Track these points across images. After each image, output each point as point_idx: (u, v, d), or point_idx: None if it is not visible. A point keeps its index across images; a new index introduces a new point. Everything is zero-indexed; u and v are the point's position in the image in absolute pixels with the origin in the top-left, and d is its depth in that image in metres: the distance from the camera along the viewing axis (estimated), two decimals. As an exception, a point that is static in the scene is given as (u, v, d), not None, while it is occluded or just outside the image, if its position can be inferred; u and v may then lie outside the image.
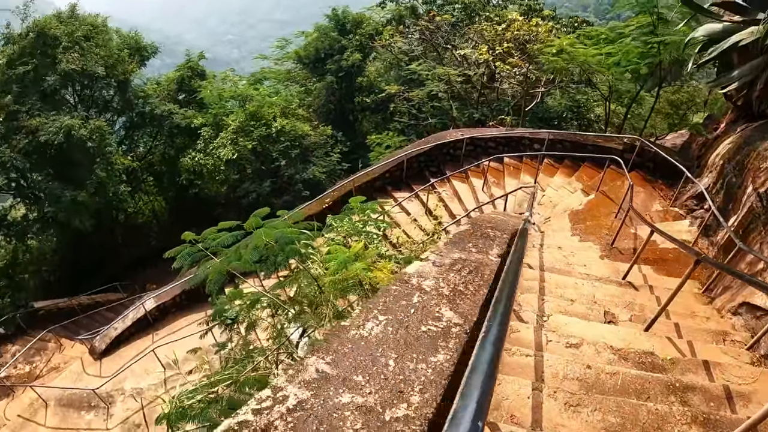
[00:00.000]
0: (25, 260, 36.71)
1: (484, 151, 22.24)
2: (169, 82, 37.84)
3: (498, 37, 28.05)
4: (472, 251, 6.44)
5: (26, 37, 31.02)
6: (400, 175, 22.27)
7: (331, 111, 37.26)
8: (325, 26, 38.22)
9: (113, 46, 34.12)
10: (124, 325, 22.58)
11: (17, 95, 30.38)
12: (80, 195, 29.24)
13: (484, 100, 31.09)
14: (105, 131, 30.82)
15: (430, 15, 32.12)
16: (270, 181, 31.19)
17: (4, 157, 28.75)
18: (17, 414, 20.75)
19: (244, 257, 8.46)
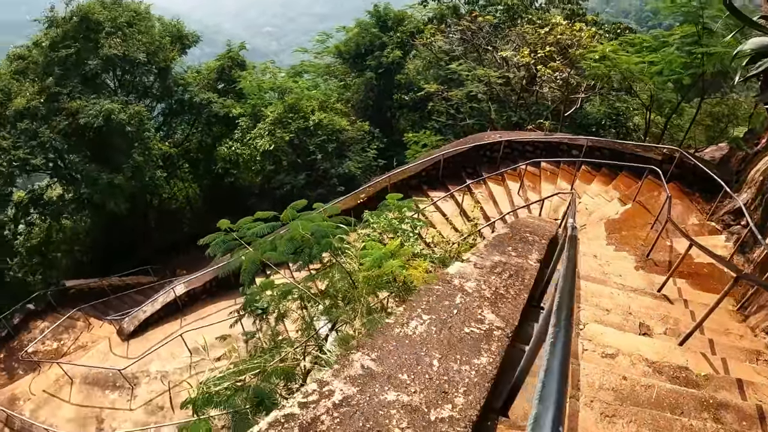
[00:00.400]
0: (59, 239, 37.24)
1: (521, 155, 22.11)
2: (210, 71, 37.99)
3: (540, 41, 27.83)
4: (511, 255, 6.41)
5: (69, 20, 31.28)
6: (436, 175, 22.21)
7: (369, 107, 37.19)
8: (366, 22, 38.06)
9: (155, 33, 34.33)
10: (153, 308, 22.78)
11: (59, 77, 30.64)
12: (117, 178, 29.53)
13: (522, 103, 30.88)
14: (144, 116, 31.05)
15: (472, 15, 31.95)
16: (305, 174, 31.29)
17: (43, 138, 29.01)
18: (42, 389, 21.08)
19: (280, 248, 8.46)
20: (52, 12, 32.38)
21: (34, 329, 27.30)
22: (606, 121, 30.31)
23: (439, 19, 34.97)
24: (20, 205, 32.53)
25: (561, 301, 2.95)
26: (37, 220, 35.27)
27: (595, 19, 32.63)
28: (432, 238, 15.62)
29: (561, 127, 27.60)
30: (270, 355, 8.36)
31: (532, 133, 24.16)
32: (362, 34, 37.15)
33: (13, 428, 19.71)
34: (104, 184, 29.34)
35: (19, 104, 28.87)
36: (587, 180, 19.73)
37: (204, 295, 22.99)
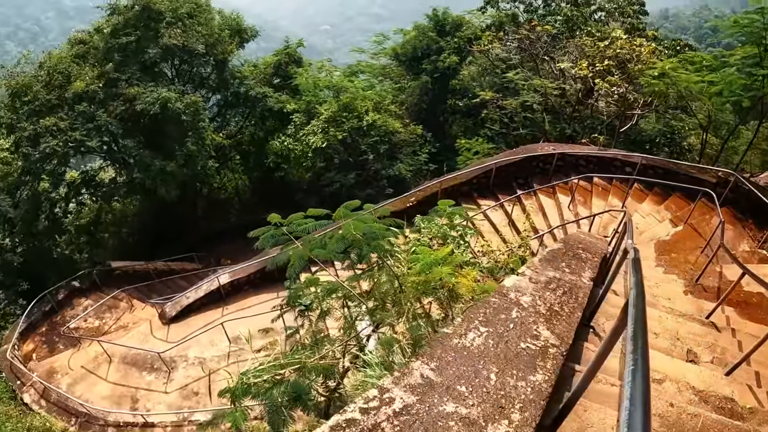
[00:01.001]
0: (107, 220, 37.99)
1: (573, 168, 21.89)
2: (266, 66, 38.34)
3: (599, 54, 27.50)
4: (565, 271, 6.36)
5: (131, 9, 31.83)
6: (487, 183, 22.10)
7: (423, 111, 37.14)
8: (424, 26, 38.10)
9: (215, 25, 34.71)
10: (196, 295, 23.09)
11: (118, 64, 31.19)
12: (169, 165, 29.97)
13: (577, 116, 30.57)
14: (200, 107, 31.40)
15: (530, 24, 31.69)
16: (355, 173, 31.37)
17: (100, 121, 29.49)
18: (81, 365, 21.54)
19: (330, 247, 8.49)
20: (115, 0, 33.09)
21: (78, 306, 27.82)
22: (660, 139, 29.85)
23: (497, 26, 34.76)
24: (73, 185, 33.19)
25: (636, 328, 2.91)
26: (88, 200, 35.95)
27: (655, 35, 32.14)
28: (481, 247, 15.53)
29: (615, 142, 27.26)
30: (311, 352, 8.41)
31: (585, 147, 23.90)
32: (420, 37, 37.19)
33: (49, 400, 20.20)
34: (157, 171, 29.81)
35: (78, 87, 29.41)
36: (639, 198, 19.44)
37: (247, 286, 23.17)
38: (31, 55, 33.58)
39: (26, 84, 29.70)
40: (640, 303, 3.15)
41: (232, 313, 21.57)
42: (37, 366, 22.99)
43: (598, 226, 17.19)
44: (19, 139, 29.40)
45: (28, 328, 25.76)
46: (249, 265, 23.22)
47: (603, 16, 34.52)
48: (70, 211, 35.94)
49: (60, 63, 30.80)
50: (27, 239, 32.34)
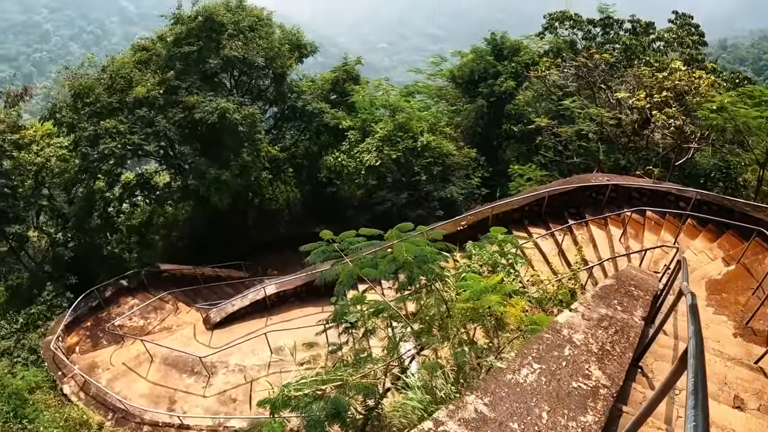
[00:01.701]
0: (159, 223, 38.70)
1: (626, 200, 21.64)
2: (324, 82, 38.62)
3: (657, 85, 27.16)
4: (617, 309, 6.32)
5: (194, 20, 32.54)
6: (538, 211, 22.04)
7: (477, 134, 37.14)
8: (482, 49, 38.20)
9: (275, 39, 35.10)
10: (242, 303, 23.38)
11: (179, 72, 31.86)
12: (224, 174, 30.36)
13: (632, 147, 30.18)
14: (257, 118, 31.92)
15: (589, 52, 31.46)
16: (407, 194, 31.49)
17: (158, 127, 30.12)
18: (122, 362, 21.89)
19: (381, 267, 8.55)
20: (179, 10, 34.00)
21: (124, 305, 28.37)
22: (716, 173, 29.29)
23: (555, 52, 34.61)
24: (128, 186, 33.82)
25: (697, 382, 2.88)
26: (141, 202, 36.56)
27: (714, 66, 31.66)
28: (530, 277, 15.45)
29: (670, 175, 26.85)
30: (353, 369, 8.45)
31: (639, 179, 23.63)
32: (477, 60, 37.27)
33: (88, 393, 20.55)
34: (211, 179, 30.24)
35: (139, 92, 30.07)
36: (692, 235, 19.08)
37: (293, 298, 23.37)
38: (94, 58, 34.37)
39: (89, 86, 30.42)
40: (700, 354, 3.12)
41: (276, 324, 21.73)
42: (79, 359, 23.52)
43: (649, 261, 16.94)
44: (79, 139, 30.15)
45: (73, 322, 26.29)
46: (296, 278, 23.42)
47: (662, 46, 34.14)
48: (123, 211, 36.66)
49: (123, 68, 31.54)
50: (79, 235, 33.09)
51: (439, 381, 7.45)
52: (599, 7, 35.38)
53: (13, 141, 29.32)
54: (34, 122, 33.68)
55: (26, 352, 24.79)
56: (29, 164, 29.98)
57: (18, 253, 32.81)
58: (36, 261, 33.72)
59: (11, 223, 29.83)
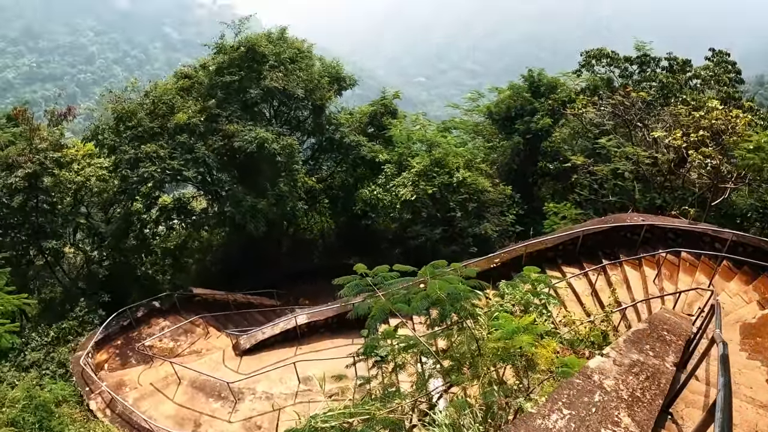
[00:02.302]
0: (194, 247, 39.12)
1: (661, 241, 21.45)
2: (362, 115, 39.08)
3: (693, 124, 27.01)
4: (649, 354, 6.32)
5: (237, 50, 33.19)
6: (573, 250, 21.94)
7: (513, 171, 37.11)
8: (519, 86, 38.24)
9: (315, 71, 35.60)
10: (272, 331, 23.53)
11: (220, 101, 32.49)
12: (260, 203, 30.79)
13: (668, 186, 29.94)
14: (295, 149, 32.33)
15: (625, 90, 31.36)
16: (442, 229, 31.52)
17: (198, 153, 30.65)
18: (150, 382, 22.12)
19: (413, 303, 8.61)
20: (222, 40, 34.77)
21: (155, 326, 28.78)
22: (752, 214, 28.90)
23: (591, 90, 34.57)
24: (164, 209, 34.30)
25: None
26: (177, 225, 36.94)
27: (750, 105, 31.37)
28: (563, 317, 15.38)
29: (706, 215, 26.57)
30: (381, 404, 8.49)
31: (675, 219, 23.42)
32: (514, 97, 37.38)
33: (114, 411, 20.78)
34: (247, 207, 30.62)
35: (180, 119, 30.70)
36: (727, 277, 18.83)
37: (324, 329, 23.46)
38: (138, 83, 35.15)
39: (131, 110, 31.10)
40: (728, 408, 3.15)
41: (306, 354, 21.83)
42: (108, 376, 23.81)
43: (683, 303, 16.75)
44: (119, 161, 30.68)
45: (104, 339, 26.72)
46: (328, 309, 23.53)
47: (698, 83, 33.93)
48: (158, 234, 36.97)
49: (165, 94, 32.30)
50: (114, 254, 33.59)
51: (467, 420, 7.46)
52: (636, 44, 35.35)
53: (54, 159, 29.85)
54: (76, 141, 34.47)
55: (55, 365, 25.20)
56: (69, 182, 30.54)
57: (53, 268, 33.46)
58: (70, 277, 34.42)
59: (48, 238, 30.39)
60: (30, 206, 29.71)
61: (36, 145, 29.77)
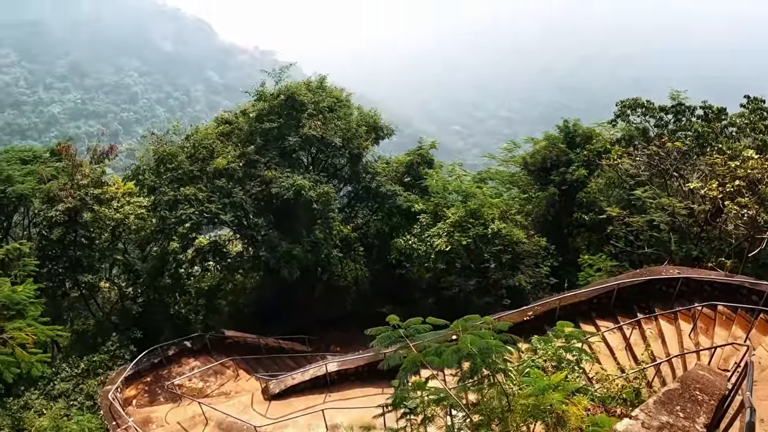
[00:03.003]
0: (227, 289, 39.24)
1: (697, 294, 21.20)
2: (399, 165, 39.36)
3: (729, 173, 26.79)
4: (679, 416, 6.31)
5: (277, 98, 33.90)
6: (607, 303, 21.81)
7: (548, 222, 37.06)
8: (554, 136, 38.35)
9: (353, 120, 36.07)
10: (302, 378, 23.52)
11: (259, 147, 33.07)
12: (295, 249, 31.11)
13: (704, 237, 29.60)
14: (331, 197, 32.70)
15: (661, 140, 31.25)
16: (476, 280, 31.34)
17: (236, 198, 31.12)
18: (177, 421, 22.20)
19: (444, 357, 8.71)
20: (263, 87, 35.60)
21: (185, 365, 28.95)
22: (790, 263, 28.42)
23: (627, 140, 34.50)
24: (201, 251, 34.71)
25: None
26: (212, 267, 37.15)
27: (788, 152, 31.03)
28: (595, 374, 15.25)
29: (743, 267, 26.20)
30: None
31: (711, 272, 23.15)
32: (549, 148, 37.40)
33: (138, 448, 20.82)
34: (282, 252, 30.96)
35: (219, 164, 31.31)
36: (764, 331, 18.52)
37: (354, 377, 23.35)
38: (179, 126, 35.92)
39: (172, 153, 31.77)
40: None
41: (335, 401, 21.72)
42: (135, 412, 24.00)
43: (719, 357, 16.51)
44: (159, 202, 31.35)
45: (134, 375, 26.88)
46: (359, 357, 23.48)
47: (734, 132, 33.66)
48: (193, 274, 37.27)
49: (205, 138, 33.03)
50: (149, 292, 33.93)
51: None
52: (671, 93, 35.16)
53: (95, 195, 30.47)
54: (117, 179, 35.14)
55: (83, 397, 25.42)
56: (108, 219, 31.02)
57: (88, 301, 34.02)
58: (104, 311, 34.90)
59: (85, 272, 30.98)
60: (68, 240, 30.21)
61: (77, 181, 30.46)
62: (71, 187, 30.01)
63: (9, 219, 33.50)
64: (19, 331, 20.89)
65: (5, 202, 31.04)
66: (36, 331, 21.58)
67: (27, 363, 20.33)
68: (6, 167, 31.27)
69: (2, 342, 20.35)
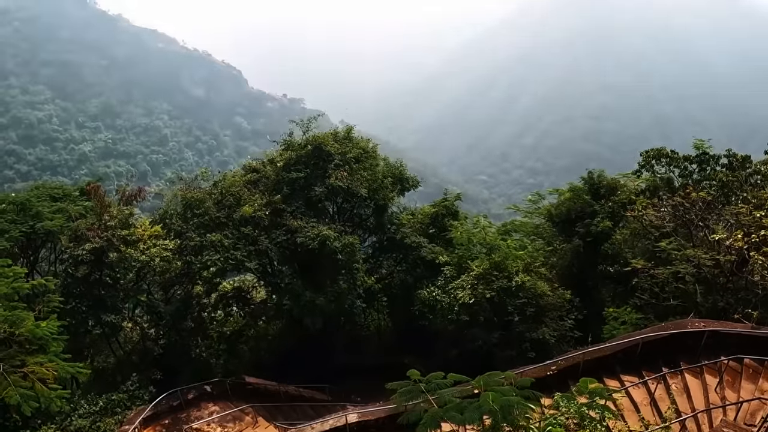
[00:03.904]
0: (249, 334, 39.22)
1: (723, 347, 20.88)
2: (424, 216, 39.30)
3: (755, 223, 26.60)
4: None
5: (304, 147, 34.39)
6: (631, 358, 21.61)
7: (572, 274, 36.86)
8: (579, 188, 38.39)
9: (379, 171, 36.34)
10: (321, 427, 23.43)
11: (286, 196, 33.46)
12: (319, 299, 31.12)
13: (731, 287, 29.24)
14: (356, 248, 32.86)
15: (685, 191, 31.13)
16: (499, 333, 31.14)
17: (261, 246, 31.45)
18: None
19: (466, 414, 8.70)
20: (290, 137, 36.20)
21: (204, 409, 28.70)
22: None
23: (651, 191, 34.40)
24: (224, 296, 34.79)
25: None
26: (235, 312, 37.54)
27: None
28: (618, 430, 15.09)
29: (772, 317, 25.82)
30: None
31: (737, 324, 22.89)
32: (574, 199, 37.44)
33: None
34: (306, 302, 31.05)
35: (246, 211, 31.74)
36: (792, 383, 18.32)
37: (374, 429, 23.12)
38: (208, 173, 36.46)
39: (200, 199, 32.28)
40: None
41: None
42: (150, 453, 23.89)
43: (746, 412, 16.30)
44: (185, 247, 31.53)
45: (152, 416, 26.72)
46: (379, 409, 23.28)
47: (759, 179, 33.46)
48: (216, 318, 37.29)
49: (233, 185, 33.55)
50: (171, 334, 33.66)
51: None
52: (695, 143, 35.08)
53: (122, 237, 30.65)
54: (144, 222, 35.32)
55: (99, 435, 25.41)
56: (134, 260, 30.84)
57: (109, 339, 34.08)
58: (125, 349, 35.01)
59: (108, 311, 30.89)
60: (93, 278, 30.29)
61: (105, 222, 30.78)
62: (99, 227, 30.37)
63: (36, 254, 33.81)
64: (40, 365, 21.05)
65: (33, 237, 31.28)
66: (57, 367, 21.71)
67: (46, 398, 20.40)
68: (36, 203, 31.62)
69: (23, 375, 20.52)
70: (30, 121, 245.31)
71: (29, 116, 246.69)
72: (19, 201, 31.46)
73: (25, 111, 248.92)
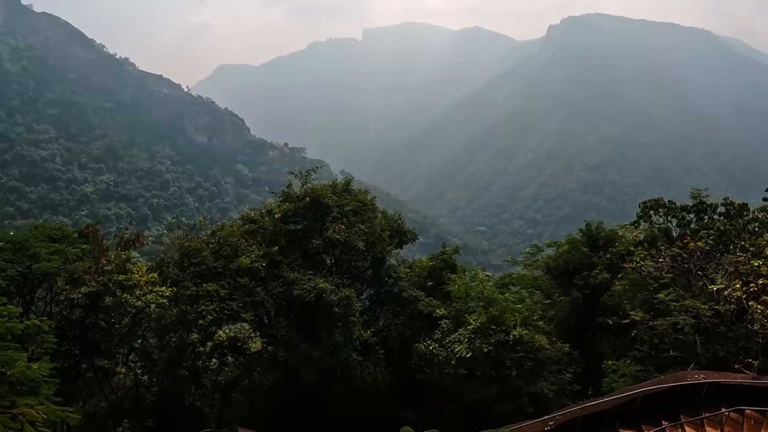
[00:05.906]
0: (244, 385, 38.83)
1: (724, 398, 20.63)
2: (421, 269, 39.16)
3: (753, 272, 26.58)
4: None
5: (302, 199, 34.49)
6: (631, 412, 21.19)
7: (571, 326, 36.68)
8: (577, 240, 38.53)
9: (377, 224, 36.27)
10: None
11: (283, 248, 33.55)
12: (314, 351, 30.88)
13: (731, 336, 29.10)
14: (352, 301, 32.61)
15: (683, 242, 31.18)
16: (496, 387, 30.80)
17: (257, 297, 31.47)
18: None
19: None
20: (289, 188, 36.43)
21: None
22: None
23: (649, 241, 34.54)
24: (220, 345, 34.59)
25: None
26: (230, 362, 37.31)
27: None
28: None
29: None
30: None
31: (738, 375, 22.78)
32: (572, 251, 37.51)
33: None
34: (301, 354, 30.83)
35: (243, 262, 31.79)
36: (794, 433, 18.10)
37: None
38: (206, 222, 36.58)
39: (197, 248, 32.28)
40: None
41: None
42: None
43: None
44: (181, 295, 31.47)
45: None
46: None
47: (756, 227, 33.54)
48: (211, 367, 37.15)
49: (230, 236, 33.54)
50: (164, 381, 33.55)
51: None
52: (691, 192, 35.57)
53: (118, 281, 30.79)
54: (141, 267, 35.55)
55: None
56: (129, 306, 31.08)
57: (102, 384, 33.83)
58: (117, 395, 34.54)
59: (102, 356, 31.13)
60: (88, 322, 30.48)
61: (102, 266, 30.96)
62: (95, 271, 30.51)
63: (32, 294, 33.58)
64: (30, 408, 20.78)
65: (30, 277, 31.17)
66: (47, 410, 21.44)
67: (35, 441, 20.17)
68: (34, 243, 31.68)
69: (12, 417, 20.29)
70: (33, 159, 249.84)
71: (33, 154, 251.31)
72: (17, 240, 31.77)
73: (29, 149, 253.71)
